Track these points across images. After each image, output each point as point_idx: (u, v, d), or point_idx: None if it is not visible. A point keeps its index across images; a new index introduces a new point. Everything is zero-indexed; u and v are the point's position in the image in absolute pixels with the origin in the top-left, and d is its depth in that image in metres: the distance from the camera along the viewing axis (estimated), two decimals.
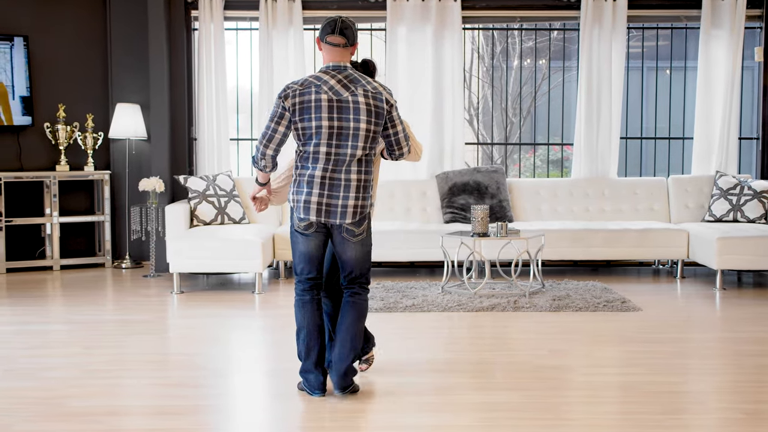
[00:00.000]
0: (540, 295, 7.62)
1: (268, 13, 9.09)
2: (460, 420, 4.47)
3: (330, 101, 4.62)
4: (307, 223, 4.73)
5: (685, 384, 5.15)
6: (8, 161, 9.24)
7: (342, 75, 4.69)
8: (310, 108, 4.62)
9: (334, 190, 4.68)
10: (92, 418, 4.50)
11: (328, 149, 4.64)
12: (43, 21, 9.28)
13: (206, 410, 4.64)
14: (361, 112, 4.65)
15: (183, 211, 8.27)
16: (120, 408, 4.72)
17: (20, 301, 7.63)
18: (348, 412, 4.62)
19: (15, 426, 4.37)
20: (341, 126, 4.63)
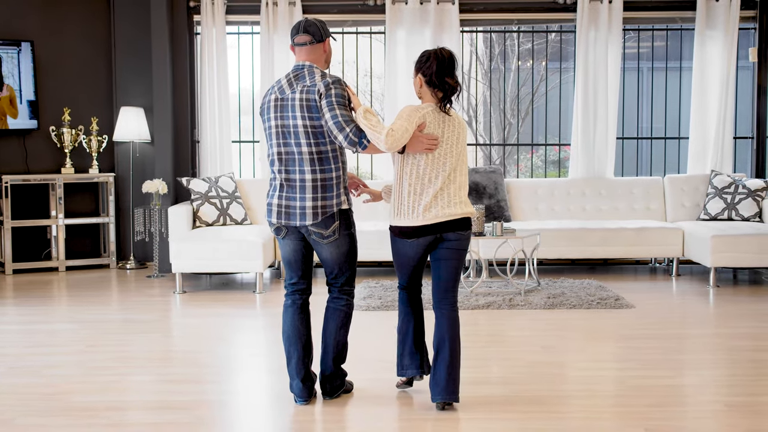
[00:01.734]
0: (535, 293, 7.75)
1: (269, 17, 9.24)
2: (456, 414, 4.61)
3: (276, 100, 4.64)
4: (275, 226, 4.71)
5: (673, 378, 5.28)
6: (15, 164, 9.40)
7: (294, 74, 4.66)
8: (268, 108, 4.68)
9: (291, 192, 4.63)
10: (95, 413, 4.65)
11: (279, 149, 4.64)
12: (48, 26, 9.44)
13: (208, 405, 4.79)
14: (296, 109, 4.57)
15: (186, 212, 8.42)
16: (123, 403, 4.86)
17: (26, 301, 7.79)
18: (343, 406, 4.75)
19: (19, 420, 4.52)
20: (284, 125, 4.61)
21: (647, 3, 9.42)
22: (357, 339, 5.58)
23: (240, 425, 4.52)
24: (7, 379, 5.29)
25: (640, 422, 4.41)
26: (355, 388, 5.04)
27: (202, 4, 9.24)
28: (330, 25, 9.55)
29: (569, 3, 9.36)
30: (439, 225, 4.59)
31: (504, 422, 4.45)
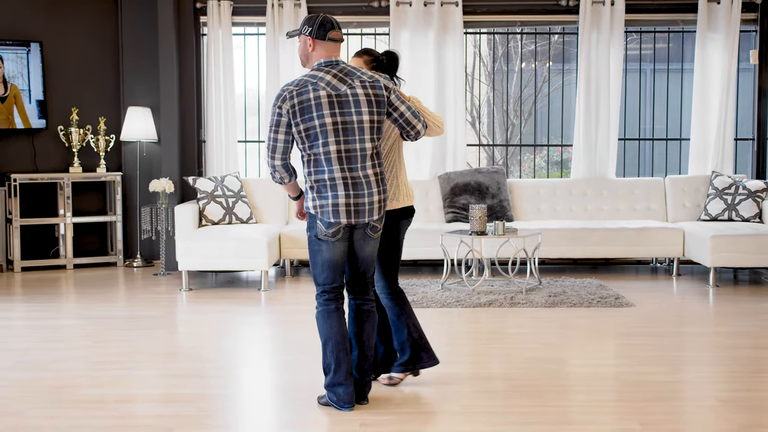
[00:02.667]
0: (536, 291, 7.85)
1: (274, 18, 9.34)
2: (456, 407, 4.71)
3: (329, 97, 4.50)
4: (336, 228, 4.59)
5: (670, 374, 5.37)
6: (23, 163, 9.52)
7: (336, 69, 4.58)
8: (310, 107, 4.48)
9: (359, 189, 4.56)
10: (103, 406, 4.76)
11: (338, 147, 4.52)
12: (57, 27, 9.56)
13: (212, 399, 4.89)
14: (361, 104, 4.54)
15: (192, 211, 8.53)
16: (130, 396, 4.98)
17: (34, 298, 7.90)
18: None
19: (28, 412, 4.63)
20: (345, 121, 4.52)
21: (649, 5, 9.51)
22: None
23: (244, 418, 4.62)
24: (15, 373, 5.41)
25: (636, 416, 4.51)
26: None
27: (208, 6, 9.35)
28: None
29: (572, 5, 9.46)
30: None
31: (504, 416, 4.55)
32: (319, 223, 4.60)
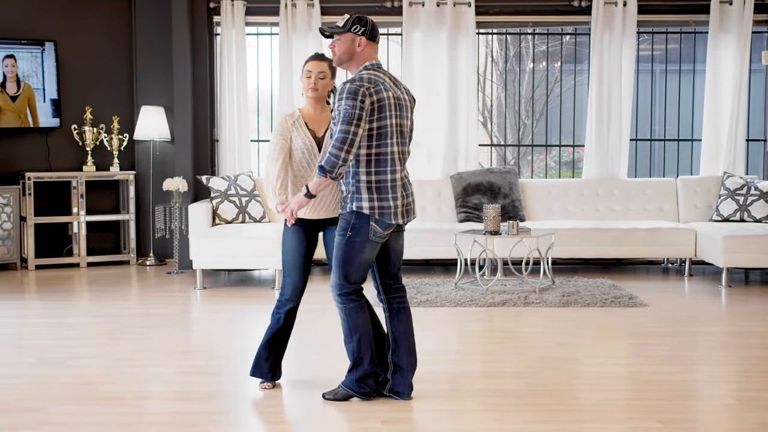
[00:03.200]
0: (550, 291, 7.87)
1: (287, 18, 9.38)
2: (473, 405, 4.74)
3: (394, 99, 4.58)
4: (392, 229, 4.66)
5: (685, 373, 5.40)
6: (37, 162, 9.56)
7: (386, 73, 4.68)
8: (384, 106, 4.52)
9: (407, 190, 4.70)
10: (123, 402, 4.80)
11: (399, 148, 4.62)
12: (71, 27, 9.60)
13: (230, 395, 4.93)
14: (408, 110, 4.69)
15: (205, 210, 8.57)
16: (150, 393, 5.02)
17: (50, 296, 7.95)
18: None
19: (52, 409, 4.67)
20: (401, 124, 4.63)
21: (661, 6, 9.53)
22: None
23: (264, 415, 4.66)
24: (36, 369, 5.45)
25: (655, 415, 4.53)
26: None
27: (221, 5, 9.40)
28: None
29: (584, 6, 9.48)
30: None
31: (522, 414, 4.58)
32: (375, 225, 4.60)
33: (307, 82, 4.87)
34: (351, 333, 4.76)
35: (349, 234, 4.63)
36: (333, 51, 4.69)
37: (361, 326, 4.75)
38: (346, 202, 4.65)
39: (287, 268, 4.95)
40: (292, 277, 4.94)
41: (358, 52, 4.63)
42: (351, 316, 4.75)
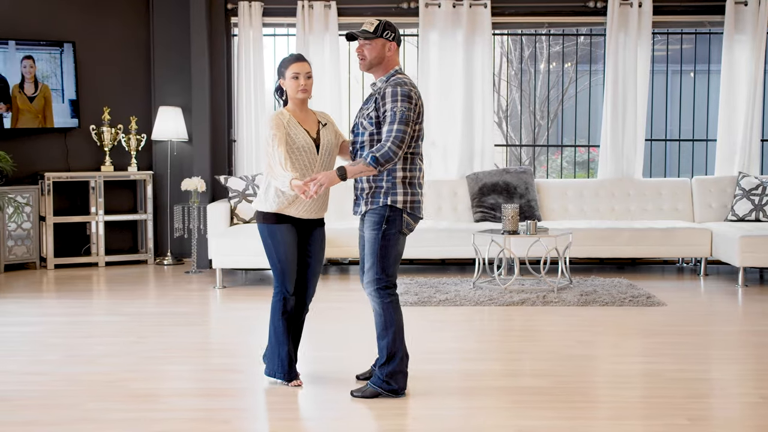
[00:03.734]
0: (568, 290, 7.92)
1: (304, 19, 9.44)
2: (503, 402, 4.79)
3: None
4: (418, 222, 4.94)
5: (708, 372, 5.46)
6: (56, 162, 9.62)
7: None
8: (422, 111, 4.79)
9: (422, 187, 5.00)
10: (155, 399, 4.87)
11: (422, 149, 4.91)
12: (90, 28, 9.66)
13: (260, 392, 4.99)
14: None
15: (224, 209, 8.64)
16: (179, 390, 5.09)
17: (70, 295, 8.01)
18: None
19: (85, 405, 4.73)
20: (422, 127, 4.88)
21: (676, 7, 9.58)
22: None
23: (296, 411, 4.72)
24: (67, 367, 5.51)
25: (682, 412, 4.59)
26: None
27: (239, 7, 9.45)
28: None
29: (599, 7, 9.53)
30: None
31: (551, 411, 4.63)
32: (408, 218, 4.80)
33: (296, 83, 4.89)
34: (387, 327, 4.84)
35: (384, 227, 4.77)
36: (362, 55, 4.78)
37: (396, 321, 4.85)
38: (374, 197, 4.78)
39: (285, 264, 4.98)
40: (292, 277, 5.02)
41: (388, 57, 4.79)
42: (387, 310, 4.83)
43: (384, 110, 4.70)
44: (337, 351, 5.93)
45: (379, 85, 4.82)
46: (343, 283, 8.75)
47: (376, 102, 4.77)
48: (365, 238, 4.85)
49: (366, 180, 4.80)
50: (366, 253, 4.84)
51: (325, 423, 4.56)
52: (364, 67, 4.83)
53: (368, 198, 4.83)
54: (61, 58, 9.38)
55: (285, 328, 5.04)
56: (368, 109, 4.81)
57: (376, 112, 4.75)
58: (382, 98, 4.72)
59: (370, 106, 4.81)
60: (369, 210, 4.81)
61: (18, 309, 7.41)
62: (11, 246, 9.19)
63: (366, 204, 4.85)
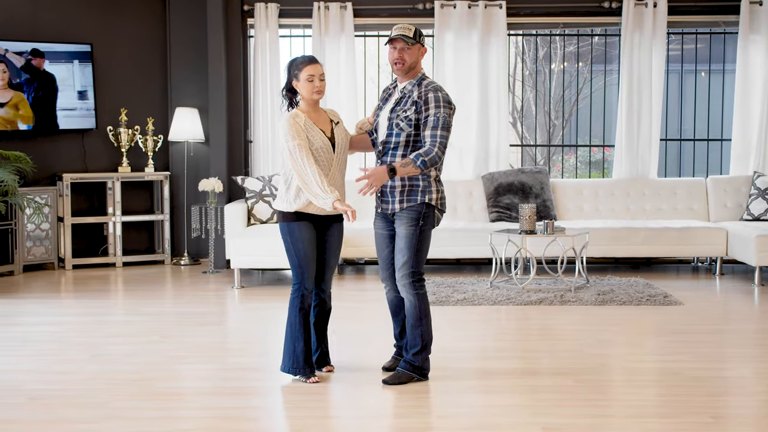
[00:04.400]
0: (585, 290, 7.96)
1: (320, 20, 9.49)
2: (514, 400, 4.83)
3: None
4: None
5: (729, 370, 5.49)
6: (74, 163, 9.69)
7: None
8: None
9: None
10: (184, 398, 4.93)
11: None
12: (107, 30, 9.72)
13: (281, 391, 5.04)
14: None
15: (241, 210, 8.69)
16: (206, 389, 5.14)
17: (89, 295, 8.07)
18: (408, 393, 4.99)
19: (113, 403, 4.78)
20: None
21: (691, 7, 9.60)
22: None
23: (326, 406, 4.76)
24: (93, 365, 5.56)
25: (706, 410, 4.62)
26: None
27: (255, 8, 9.51)
28: (379, 28, 9.81)
29: (614, 7, 9.56)
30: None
31: (575, 408, 4.67)
32: (438, 213, 5.12)
33: (312, 86, 5.02)
34: (421, 317, 5.10)
35: (421, 223, 5.04)
36: (402, 60, 4.98)
37: (428, 310, 5.15)
38: (410, 195, 5.02)
39: (304, 261, 5.10)
40: (311, 273, 5.14)
41: (420, 62, 5.08)
42: (422, 300, 5.10)
43: (427, 114, 4.93)
44: (355, 349, 5.97)
45: (409, 87, 5.02)
46: (359, 282, 8.80)
47: (416, 105, 4.95)
48: (400, 234, 5.05)
49: (399, 178, 5.00)
50: (401, 248, 5.04)
51: (350, 421, 4.60)
52: (402, 71, 5.01)
53: (403, 196, 5.03)
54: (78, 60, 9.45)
55: (301, 324, 5.13)
56: (405, 111, 4.99)
57: (416, 114, 4.95)
58: (425, 102, 4.93)
59: (408, 108, 4.97)
60: (406, 207, 5.04)
61: (39, 309, 7.47)
62: (30, 246, 9.26)
63: (401, 202, 5.04)
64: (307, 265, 5.10)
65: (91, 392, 4.98)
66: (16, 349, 6.06)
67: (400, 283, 5.07)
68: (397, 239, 5.07)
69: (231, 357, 5.89)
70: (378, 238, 5.22)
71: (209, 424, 4.48)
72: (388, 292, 5.32)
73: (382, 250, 5.21)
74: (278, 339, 6.27)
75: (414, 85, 5.01)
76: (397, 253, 5.06)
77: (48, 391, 5.02)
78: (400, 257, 5.03)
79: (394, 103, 5.07)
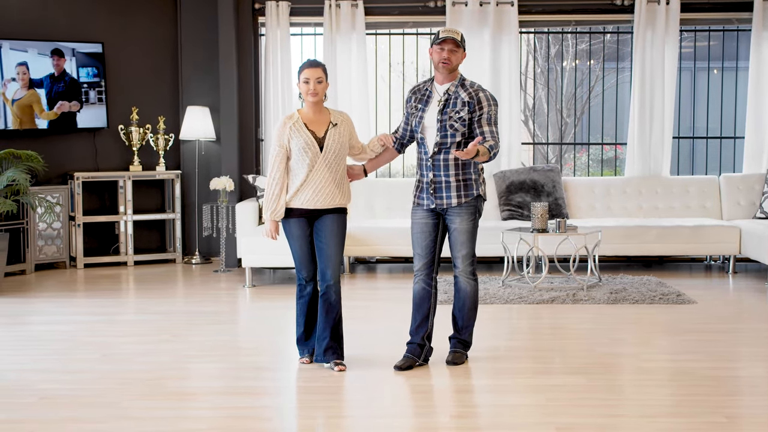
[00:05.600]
0: (597, 288, 7.92)
1: (332, 18, 9.47)
2: (528, 400, 4.81)
3: None
4: None
5: (745, 369, 5.45)
6: (85, 162, 9.69)
7: None
8: None
9: None
10: (196, 398, 4.92)
11: None
12: (118, 29, 9.72)
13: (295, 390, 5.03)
14: None
15: (252, 208, 8.68)
16: (219, 388, 5.12)
17: (101, 293, 8.07)
18: (421, 393, 4.97)
19: (124, 403, 4.77)
20: None
21: (704, 4, 9.55)
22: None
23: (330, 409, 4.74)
24: (104, 365, 5.56)
25: (720, 410, 4.58)
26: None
27: (266, 6, 9.49)
28: (391, 26, 9.79)
29: (626, 4, 9.51)
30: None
31: (589, 408, 4.65)
32: (482, 206, 5.42)
33: (306, 87, 5.33)
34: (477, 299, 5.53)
35: (477, 216, 5.38)
36: (449, 60, 5.27)
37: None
38: (467, 189, 5.31)
39: (297, 255, 5.48)
40: (306, 265, 5.48)
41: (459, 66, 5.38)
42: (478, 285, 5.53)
43: (481, 113, 5.26)
44: (366, 349, 5.93)
45: (453, 89, 5.29)
46: (370, 281, 8.78)
47: (469, 105, 5.24)
48: (459, 228, 5.31)
49: (454, 174, 5.29)
50: (462, 241, 5.33)
51: (364, 421, 4.58)
52: (447, 70, 5.28)
53: (460, 192, 5.31)
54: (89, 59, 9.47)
55: (301, 311, 5.54)
56: (458, 112, 5.25)
57: (470, 114, 5.25)
58: (478, 102, 5.26)
59: (460, 109, 5.24)
60: (465, 202, 5.31)
61: (51, 308, 7.48)
62: (41, 245, 9.27)
63: (458, 197, 5.31)
64: (300, 259, 5.46)
65: (101, 392, 4.97)
66: (27, 348, 6.07)
67: (464, 272, 5.39)
68: (455, 233, 5.33)
69: (242, 356, 5.87)
70: (420, 228, 5.42)
71: (221, 423, 4.47)
72: (418, 282, 5.46)
73: (423, 240, 5.41)
74: (289, 338, 6.28)
75: (457, 86, 5.29)
76: (458, 246, 5.33)
77: (58, 390, 5.02)
78: (462, 249, 5.33)
79: (443, 105, 5.29)
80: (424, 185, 5.36)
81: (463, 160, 5.23)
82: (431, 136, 5.31)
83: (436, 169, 5.30)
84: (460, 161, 5.26)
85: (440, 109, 5.28)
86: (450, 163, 5.28)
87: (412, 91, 5.48)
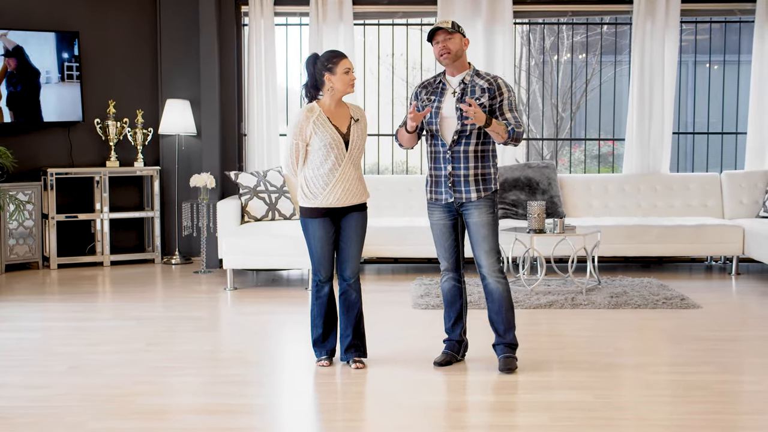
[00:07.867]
0: (597, 291, 7.55)
1: (318, 8, 9.07)
2: (532, 420, 4.43)
3: None
4: None
5: (758, 383, 5.08)
6: (59, 157, 9.27)
7: None
8: None
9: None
10: (167, 416, 4.51)
11: None
12: (94, 18, 9.30)
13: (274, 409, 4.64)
14: None
15: (234, 207, 8.29)
16: (194, 406, 4.72)
17: (75, 297, 7.65)
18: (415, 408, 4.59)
19: (89, 423, 4.37)
20: None
21: None
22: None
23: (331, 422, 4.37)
24: (70, 378, 5.14)
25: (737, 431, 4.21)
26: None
27: None
28: (380, 16, 9.42)
29: None
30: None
31: (591, 429, 4.27)
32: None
33: (349, 78, 5.17)
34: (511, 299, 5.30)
35: (495, 210, 5.22)
36: (447, 49, 5.07)
37: None
38: (485, 183, 5.15)
39: (318, 257, 5.30)
40: (324, 264, 5.31)
41: (465, 52, 5.16)
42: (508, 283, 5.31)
43: (501, 99, 5.11)
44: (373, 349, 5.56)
45: (469, 78, 5.14)
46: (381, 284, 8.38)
47: (489, 92, 5.10)
48: (480, 222, 5.15)
49: (473, 167, 5.12)
50: (485, 236, 5.18)
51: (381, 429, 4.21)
52: (449, 59, 5.10)
53: (479, 185, 5.15)
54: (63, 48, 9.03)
55: (319, 312, 5.36)
56: (478, 99, 5.07)
57: (491, 101, 5.10)
58: (498, 88, 5.12)
59: (481, 96, 5.08)
60: (484, 196, 5.16)
61: (19, 313, 7.04)
62: (12, 245, 8.84)
63: (477, 191, 5.15)
64: (319, 258, 5.29)
65: (65, 410, 4.55)
66: None
67: (491, 271, 5.20)
68: (475, 228, 5.17)
69: (223, 368, 5.44)
70: (440, 229, 5.31)
71: None
72: (447, 281, 5.39)
73: (445, 241, 5.32)
74: (273, 348, 5.89)
75: (473, 75, 5.16)
76: (480, 242, 5.18)
77: (17, 408, 4.59)
78: (484, 244, 5.17)
79: (461, 94, 5.13)
80: (442, 179, 5.19)
81: (482, 152, 5.13)
82: (449, 126, 5.13)
83: (455, 161, 5.12)
84: (479, 153, 5.13)
85: (458, 98, 5.12)
86: (470, 155, 5.12)
87: (421, 86, 5.30)
